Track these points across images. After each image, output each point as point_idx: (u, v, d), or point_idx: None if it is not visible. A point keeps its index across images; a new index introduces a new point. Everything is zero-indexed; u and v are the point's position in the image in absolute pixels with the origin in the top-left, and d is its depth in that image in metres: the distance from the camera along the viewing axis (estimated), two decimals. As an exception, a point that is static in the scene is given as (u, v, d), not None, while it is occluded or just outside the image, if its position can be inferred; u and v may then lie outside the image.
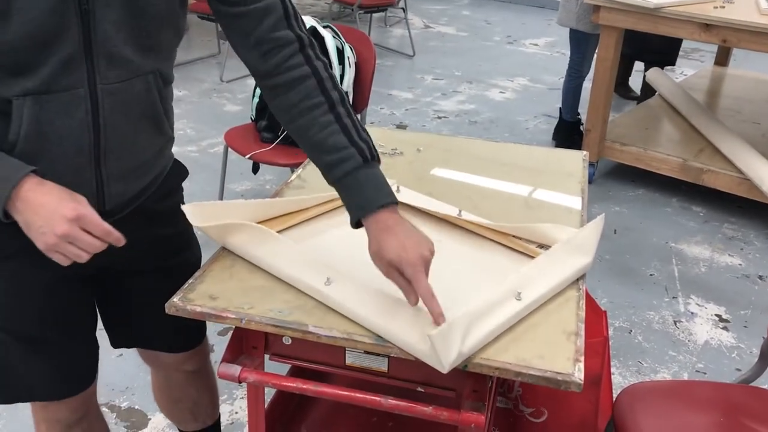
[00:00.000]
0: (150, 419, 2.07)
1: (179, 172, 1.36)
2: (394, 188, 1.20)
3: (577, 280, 1.25)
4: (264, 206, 1.37)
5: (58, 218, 0.97)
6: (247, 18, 1.14)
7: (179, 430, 1.70)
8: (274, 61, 1.15)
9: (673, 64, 4.65)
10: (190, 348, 1.46)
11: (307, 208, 1.43)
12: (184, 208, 1.26)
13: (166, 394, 1.60)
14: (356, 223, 1.14)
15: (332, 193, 1.21)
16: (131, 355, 2.28)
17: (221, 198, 3.09)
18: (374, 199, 1.11)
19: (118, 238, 1.02)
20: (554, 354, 1.07)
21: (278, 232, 1.33)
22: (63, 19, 0.99)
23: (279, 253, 1.22)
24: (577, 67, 3.78)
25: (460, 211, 1.45)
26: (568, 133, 3.93)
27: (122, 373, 2.23)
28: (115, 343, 1.44)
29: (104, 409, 2.08)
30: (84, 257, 1.00)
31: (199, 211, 1.27)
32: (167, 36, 1.12)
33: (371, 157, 1.14)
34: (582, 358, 1.06)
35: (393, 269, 1.06)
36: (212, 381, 1.60)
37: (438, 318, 1.04)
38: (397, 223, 1.09)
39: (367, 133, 1.16)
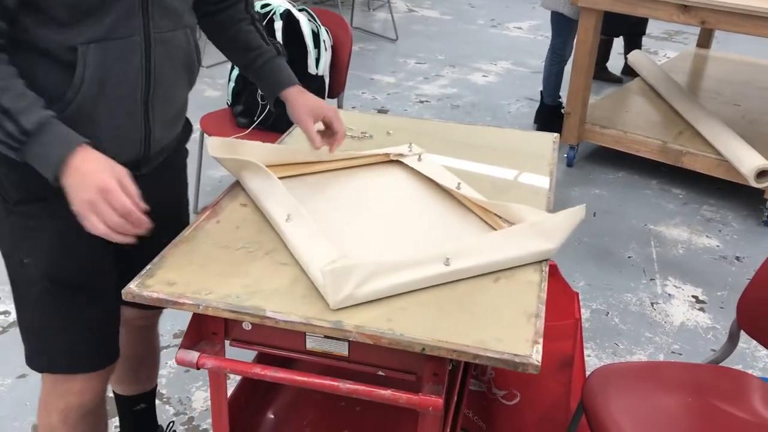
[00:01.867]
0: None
1: (188, 127, 1.51)
2: (416, 156, 1.60)
3: (540, 263, 1.24)
4: (279, 151, 1.54)
5: (89, 185, 1.06)
6: None
7: (115, 393, 1.69)
8: None
9: (644, 34, 4.68)
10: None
11: (318, 161, 1.55)
12: (207, 140, 1.47)
13: None
14: (275, 102, 1.48)
15: (348, 153, 1.57)
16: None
17: (198, 184, 3.06)
18: (290, 78, 1.48)
19: (139, 220, 1.09)
20: (513, 336, 1.06)
21: (283, 176, 1.48)
22: None
23: (265, 189, 1.37)
24: (559, 51, 3.77)
25: (459, 183, 1.46)
26: (549, 117, 3.92)
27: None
28: None
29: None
30: (101, 229, 1.07)
31: (219, 144, 1.44)
32: None
33: (280, 52, 1.49)
34: (540, 340, 1.05)
35: (311, 118, 1.42)
36: (158, 341, 1.65)
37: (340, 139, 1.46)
38: (306, 92, 1.47)
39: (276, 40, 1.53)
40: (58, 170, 1.07)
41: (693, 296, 2.64)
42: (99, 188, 1.06)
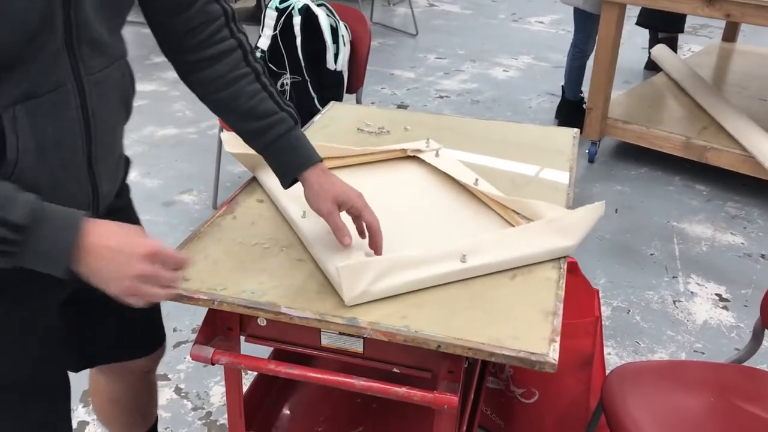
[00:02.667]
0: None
1: (127, 164, 1.27)
2: (434, 152, 1.54)
3: (558, 259, 1.23)
4: None
5: (132, 259, 0.91)
6: None
7: None
8: (202, 35, 1.12)
9: (682, 32, 4.61)
10: (162, 344, 1.42)
11: (335, 157, 1.51)
12: (222, 135, 1.29)
13: (122, 405, 1.50)
14: (291, 182, 1.21)
15: (365, 148, 1.53)
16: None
17: (218, 180, 3.07)
18: (310, 156, 1.19)
19: (189, 263, 1.00)
20: (530, 334, 1.04)
21: None
22: (50, 3, 0.89)
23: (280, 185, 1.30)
24: (581, 46, 3.72)
25: (476, 179, 1.44)
26: (570, 112, 3.88)
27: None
28: (82, 365, 1.33)
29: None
30: (162, 296, 0.95)
31: (235, 140, 1.36)
32: (128, 13, 1.07)
33: (297, 120, 1.21)
34: (558, 338, 1.03)
35: (335, 207, 1.15)
36: (156, 379, 1.54)
37: (378, 250, 1.16)
38: (332, 174, 1.20)
39: (289, 103, 1.22)
40: (68, 262, 0.90)
41: (716, 294, 2.60)
42: (135, 277, 0.91)
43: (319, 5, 2.71)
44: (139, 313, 1.22)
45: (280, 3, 2.70)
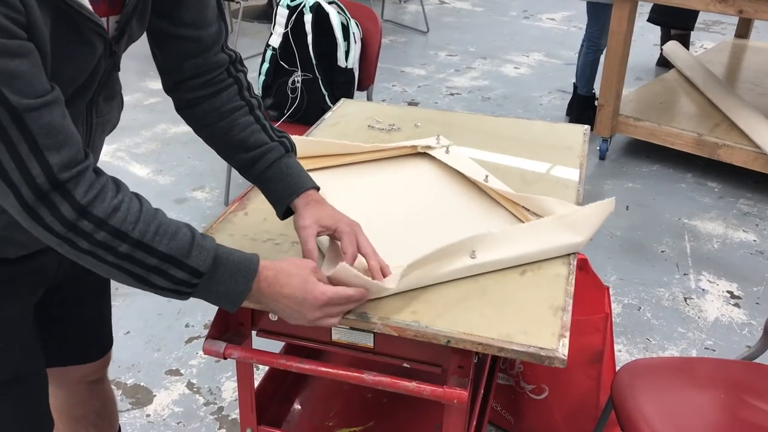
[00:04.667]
0: (155, 395, 2.09)
1: None
2: (444, 148, 1.55)
3: (568, 256, 1.23)
4: (307, 143, 1.51)
5: (308, 311, 1.01)
6: (198, 42, 1.12)
7: None
8: (203, 78, 1.15)
9: (692, 29, 4.58)
10: (107, 352, 1.41)
11: (346, 154, 1.53)
12: None
13: (66, 414, 1.47)
14: (285, 212, 1.18)
15: (375, 145, 1.55)
16: (138, 333, 2.33)
17: (229, 176, 3.09)
18: (302, 183, 1.17)
19: (364, 299, 1.07)
20: (539, 329, 1.05)
21: (311, 168, 1.44)
22: (99, 62, 0.98)
23: None
24: (595, 40, 3.71)
25: (486, 175, 1.45)
26: (582, 108, 3.87)
27: (128, 351, 2.26)
28: None
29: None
30: (335, 323, 1.05)
31: None
32: None
33: (290, 149, 1.20)
34: (567, 334, 1.04)
35: (314, 226, 1.12)
36: (111, 390, 1.53)
37: (376, 274, 1.10)
38: (325, 201, 1.17)
39: (284, 133, 1.22)
40: (240, 304, 1.00)
41: (728, 291, 2.59)
42: (318, 308, 1.01)
43: (330, 3, 2.72)
44: (88, 320, 1.28)
45: (292, 1, 2.72)
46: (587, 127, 1.78)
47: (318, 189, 1.19)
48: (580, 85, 3.86)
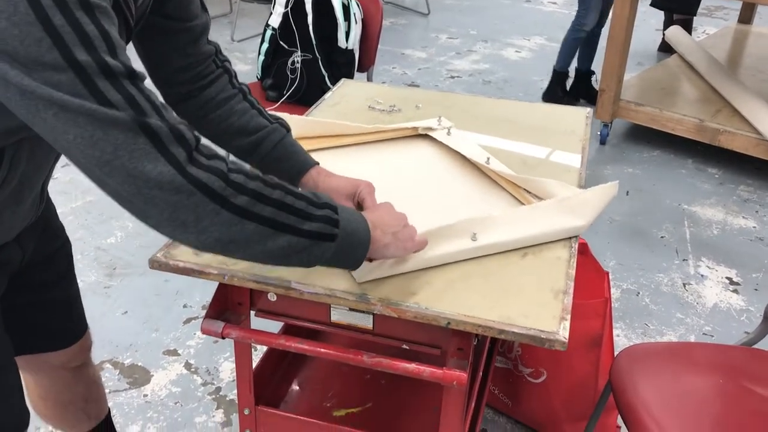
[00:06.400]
0: (152, 375, 2.09)
1: None
2: (445, 130, 1.54)
3: (569, 239, 1.22)
4: (307, 124, 1.51)
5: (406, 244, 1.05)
6: (187, 33, 1.13)
7: None
8: (194, 71, 1.17)
9: (694, 14, 4.56)
10: (80, 337, 1.39)
11: (347, 135, 1.52)
12: None
13: (53, 400, 1.48)
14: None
15: (376, 126, 1.54)
16: (135, 313, 2.33)
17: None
18: (308, 159, 1.21)
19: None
20: (540, 312, 1.04)
21: (311, 149, 1.44)
22: None
23: None
24: (580, 20, 3.74)
25: (488, 158, 1.43)
26: (553, 83, 3.92)
27: (126, 331, 2.25)
28: None
29: (108, 365, 2.11)
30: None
31: None
32: None
33: (289, 129, 1.23)
34: (568, 317, 1.03)
35: (351, 201, 1.16)
36: (97, 373, 1.54)
37: None
38: (333, 173, 1.21)
39: (277, 115, 1.25)
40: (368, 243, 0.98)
41: (727, 278, 2.59)
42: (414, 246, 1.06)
43: (330, -18, 2.69)
44: (58, 305, 1.27)
45: (292, -20, 2.69)
46: (590, 110, 1.77)
47: (318, 164, 1.23)
48: (557, 61, 3.90)
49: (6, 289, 1.16)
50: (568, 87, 4.03)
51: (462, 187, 1.39)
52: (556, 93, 3.90)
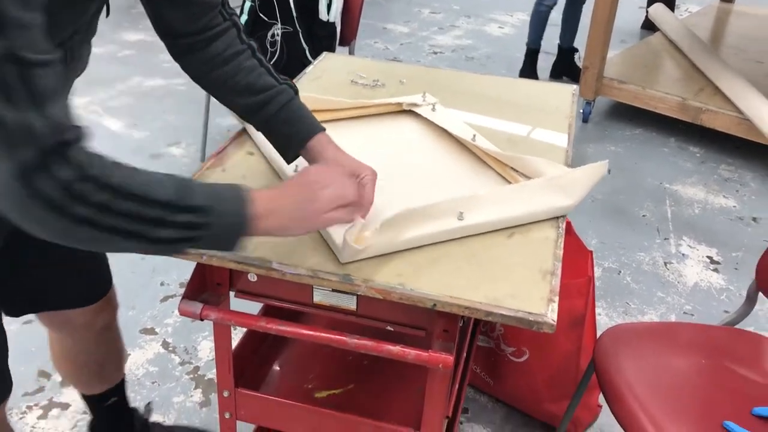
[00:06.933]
0: (129, 354, 2.05)
1: None
2: (430, 106, 1.49)
3: (557, 219, 1.20)
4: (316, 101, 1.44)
5: (313, 223, 0.99)
6: None
7: (81, 393, 1.59)
8: (200, 22, 1.12)
9: None
10: (103, 294, 1.38)
11: (328, 110, 1.47)
12: None
13: (71, 361, 1.49)
14: (295, 155, 1.16)
15: (359, 101, 1.49)
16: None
17: (206, 132, 3.02)
18: (316, 124, 1.16)
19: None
20: (528, 294, 1.02)
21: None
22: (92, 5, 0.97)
23: None
24: None
25: (474, 135, 1.40)
26: (525, 62, 3.93)
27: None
28: (17, 311, 1.29)
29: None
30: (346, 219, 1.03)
31: None
32: None
33: (297, 91, 1.18)
34: (556, 299, 1.01)
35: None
36: (120, 341, 1.53)
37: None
38: (339, 148, 1.15)
39: (285, 77, 1.20)
40: (248, 227, 0.91)
41: (707, 257, 2.59)
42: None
43: (312, -47, 2.62)
44: (79, 261, 1.23)
45: (272, -50, 2.61)
46: (576, 87, 1.74)
47: (324, 130, 1.17)
48: (528, 37, 3.91)
49: (11, 245, 1.13)
50: (552, 64, 4.01)
51: (448, 164, 1.36)
52: (526, 70, 3.93)
